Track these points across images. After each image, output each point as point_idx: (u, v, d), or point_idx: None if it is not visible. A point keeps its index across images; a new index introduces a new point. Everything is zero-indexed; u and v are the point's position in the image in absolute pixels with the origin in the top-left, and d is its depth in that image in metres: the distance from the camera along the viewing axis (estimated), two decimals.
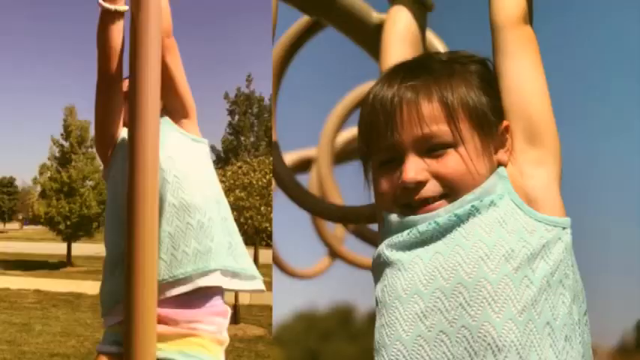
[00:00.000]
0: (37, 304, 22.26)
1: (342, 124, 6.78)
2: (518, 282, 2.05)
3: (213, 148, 49.76)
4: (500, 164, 2.26)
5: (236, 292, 20.90)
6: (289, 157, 7.62)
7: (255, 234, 24.21)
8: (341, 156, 7.12)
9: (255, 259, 33.06)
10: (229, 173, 23.74)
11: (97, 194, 40.77)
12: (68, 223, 40.70)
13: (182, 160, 3.27)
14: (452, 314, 2.07)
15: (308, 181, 7.69)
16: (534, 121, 2.27)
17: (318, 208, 4.50)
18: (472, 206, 2.16)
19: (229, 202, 3.49)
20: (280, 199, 4.62)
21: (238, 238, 3.51)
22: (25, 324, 18.89)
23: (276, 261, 9.02)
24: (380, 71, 2.63)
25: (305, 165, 7.90)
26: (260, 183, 22.45)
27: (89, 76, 3.25)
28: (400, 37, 2.70)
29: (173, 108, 3.34)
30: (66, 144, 43.84)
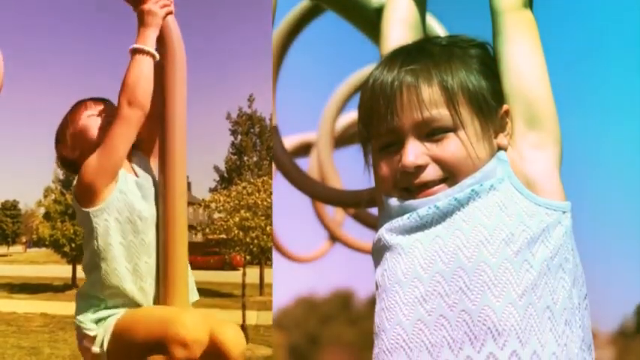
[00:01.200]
0: (44, 328, 22.31)
1: (341, 108, 6.79)
2: (518, 266, 2.05)
3: (217, 169, 50.02)
4: (500, 148, 2.26)
5: (243, 313, 21.12)
6: (289, 142, 7.62)
7: (261, 253, 24.35)
8: (341, 140, 7.13)
9: (261, 279, 33.25)
10: (234, 193, 23.77)
11: None
12: (73, 245, 40.31)
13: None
14: (452, 298, 2.07)
15: (308, 165, 7.70)
16: (534, 105, 2.27)
17: (318, 192, 4.51)
18: (472, 190, 2.16)
19: (234, 222, 3.70)
20: (280, 184, 4.62)
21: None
22: (33, 347, 19.17)
23: (276, 245, 9.04)
24: (380, 55, 2.63)
25: (305, 149, 7.91)
26: (265, 203, 22.52)
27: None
28: (400, 21, 2.70)
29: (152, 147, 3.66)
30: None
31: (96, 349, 3.33)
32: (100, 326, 3.37)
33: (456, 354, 2.03)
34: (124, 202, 3.35)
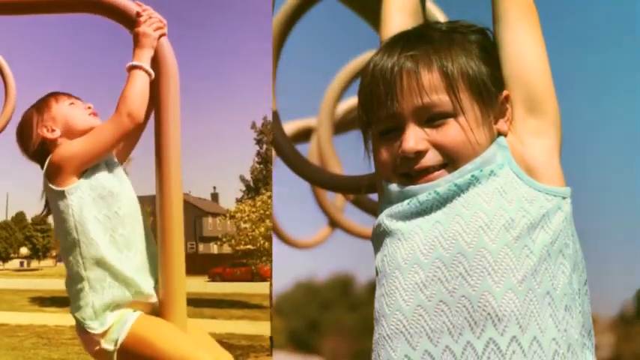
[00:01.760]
0: (74, 340, 22.30)
1: (342, 94, 6.78)
2: (518, 251, 2.05)
3: (242, 178, 50.23)
4: (500, 134, 2.27)
5: (272, 324, 21.21)
6: (289, 127, 7.62)
7: None
8: (341, 126, 7.13)
9: None
10: (259, 203, 23.81)
11: None
12: None
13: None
14: (452, 284, 2.07)
15: (308, 150, 7.70)
16: (534, 91, 2.27)
17: (318, 178, 4.50)
18: (472, 176, 2.16)
19: (260, 232, 3.80)
20: (280, 169, 4.62)
21: None
22: (63, 359, 19.64)
23: (276, 231, 9.05)
24: (380, 41, 2.63)
25: (305, 135, 7.91)
26: None
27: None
28: (400, 6, 2.69)
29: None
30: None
31: (109, 347, 3.41)
32: (100, 319, 3.44)
33: (456, 339, 2.04)
34: (96, 181, 3.51)
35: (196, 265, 54.32)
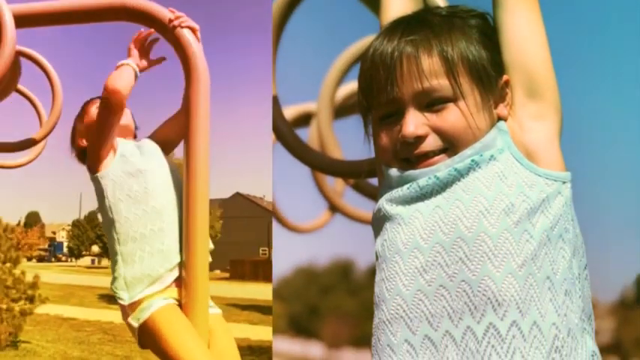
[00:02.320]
0: None
1: (341, 78, 6.77)
2: (518, 236, 2.06)
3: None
4: (500, 118, 2.27)
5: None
6: (289, 112, 7.62)
7: None
8: (341, 110, 7.12)
9: None
10: None
11: None
12: None
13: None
14: (452, 268, 2.07)
15: (308, 135, 7.69)
16: (534, 75, 2.27)
17: (318, 163, 4.50)
18: (472, 160, 2.16)
19: None
20: (280, 154, 4.62)
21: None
22: (126, 356, 20.13)
23: (276, 215, 9.04)
24: (380, 26, 2.63)
25: (305, 119, 7.91)
26: None
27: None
28: None
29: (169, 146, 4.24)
30: None
31: (133, 323, 3.75)
32: (130, 292, 3.77)
33: (455, 324, 2.04)
34: (125, 162, 3.92)
35: (267, 271, 54.34)
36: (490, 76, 2.25)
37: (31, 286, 21.37)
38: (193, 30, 3.77)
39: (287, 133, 4.24)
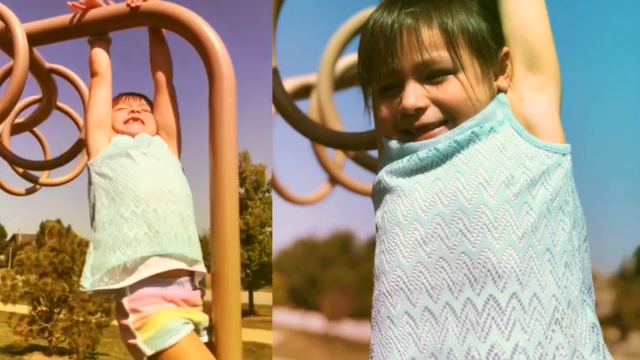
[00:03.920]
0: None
1: (342, 50, 6.75)
2: (518, 208, 2.06)
3: None
4: (500, 90, 2.27)
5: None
6: (289, 84, 7.60)
7: None
8: (341, 82, 7.10)
9: None
10: None
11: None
12: (248, 271, 40.48)
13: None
14: (452, 240, 2.08)
15: (308, 107, 7.68)
16: (534, 47, 2.27)
17: (318, 135, 4.49)
18: (472, 132, 2.16)
19: None
20: (280, 126, 4.62)
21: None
22: None
23: (276, 187, 9.05)
24: None
25: (305, 91, 7.89)
26: None
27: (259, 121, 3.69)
28: None
29: (167, 130, 4.07)
30: (241, 190, 43.37)
31: (145, 349, 3.39)
32: (92, 279, 3.57)
33: (455, 296, 2.05)
34: (115, 147, 3.84)
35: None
36: (490, 48, 2.25)
37: (107, 299, 21.47)
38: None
39: (287, 105, 4.23)
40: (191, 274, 3.69)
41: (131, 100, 4.11)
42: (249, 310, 40.97)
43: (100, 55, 4.04)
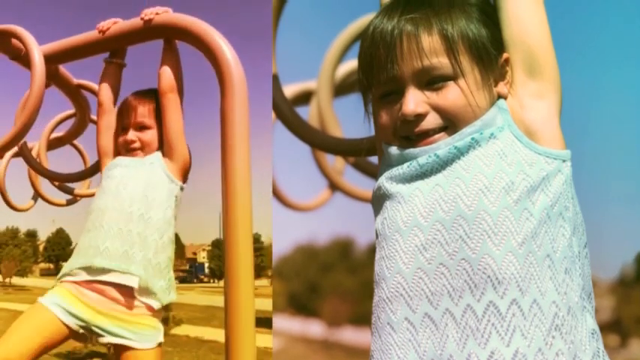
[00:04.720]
0: None
1: (342, 56, 6.75)
2: (518, 214, 2.06)
3: None
4: (500, 97, 2.27)
5: None
6: (289, 90, 7.61)
7: None
8: (341, 88, 7.11)
9: None
10: None
11: None
12: None
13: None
14: (452, 247, 2.08)
15: (308, 113, 7.68)
16: (534, 53, 2.27)
17: (318, 141, 4.50)
18: (472, 139, 2.16)
19: None
20: (280, 132, 4.62)
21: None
22: None
23: (276, 193, 9.04)
24: (380, 3, 2.62)
25: (305, 98, 7.90)
26: None
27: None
28: None
29: (165, 146, 4.05)
30: None
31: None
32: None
33: (456, 302, 2.05)
34: (109, 169, 4.02)
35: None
36: (490, 54, 2.25)
37: (164, 308, 21.67)
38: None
39: (287, 112, 4.24)
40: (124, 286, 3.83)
41: (132, 113, 4.08)
42: None
43: (102, 88, 4.15)
